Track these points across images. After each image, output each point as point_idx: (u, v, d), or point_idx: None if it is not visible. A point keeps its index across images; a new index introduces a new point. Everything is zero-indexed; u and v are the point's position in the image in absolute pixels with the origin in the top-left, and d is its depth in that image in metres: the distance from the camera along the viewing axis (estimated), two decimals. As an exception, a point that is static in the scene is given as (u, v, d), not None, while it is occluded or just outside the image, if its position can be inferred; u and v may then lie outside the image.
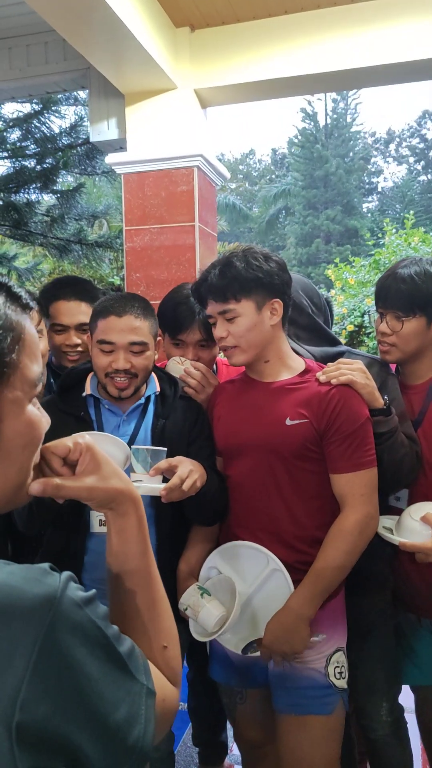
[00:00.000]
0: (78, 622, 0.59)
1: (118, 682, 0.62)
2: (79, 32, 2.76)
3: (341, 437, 1.49)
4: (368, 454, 1.52)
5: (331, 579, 1.49)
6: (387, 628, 1.82)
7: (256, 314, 1.52)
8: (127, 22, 2.64)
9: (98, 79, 3.40)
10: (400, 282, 1.68)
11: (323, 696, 1.52)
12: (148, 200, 3.35)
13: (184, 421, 1.65)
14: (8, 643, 0.54)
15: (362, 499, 1.50)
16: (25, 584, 0.57)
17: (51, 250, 5.96)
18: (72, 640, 0.57)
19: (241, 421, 1.60)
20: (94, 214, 5.95)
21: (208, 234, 3.48)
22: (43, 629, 0.55)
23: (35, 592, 0.57)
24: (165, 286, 3.25)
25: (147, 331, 1.58)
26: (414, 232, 6.15)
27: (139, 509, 0.79)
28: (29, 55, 3.57)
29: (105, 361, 1.56)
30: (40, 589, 0.57)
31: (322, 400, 1.50)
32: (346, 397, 1.51)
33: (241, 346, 1.55)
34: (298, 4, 3.05)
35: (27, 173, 5.41)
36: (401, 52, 2.99)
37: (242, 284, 1.51)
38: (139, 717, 0.63)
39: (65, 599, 0.58)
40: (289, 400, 1.54)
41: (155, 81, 3.19)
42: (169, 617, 0.80)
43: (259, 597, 1.55)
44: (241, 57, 3.19)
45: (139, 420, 1.63)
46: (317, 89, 3.72)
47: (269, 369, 1.59)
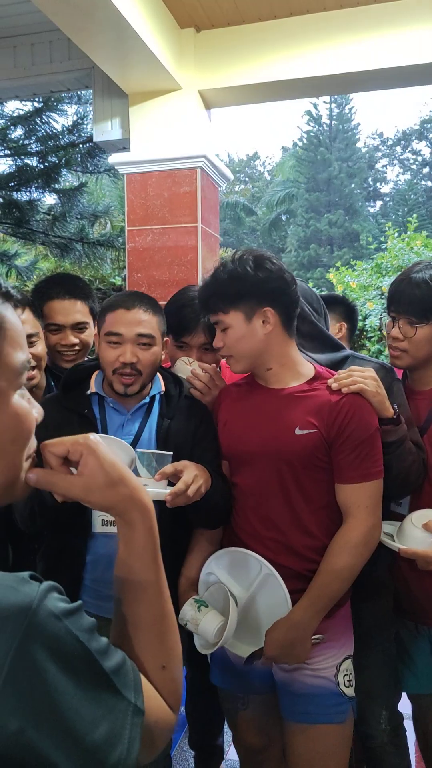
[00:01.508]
0: (54, 634, 0.56)
1: (99, 699, 0.59)
2: (83, 31, 2.75)
3: (350, 447, 1.48)
4: (376, 465, 1.50)
5: (335, 591, 1.48)
6: (387, 634, 1.81)
7: (245, 325, 1.50)
8: (132, 22, 2.63)
9: (102, 79, 3.39)
10: (415, 287, 1.65)
11: (335, 705, 1.50)
12: (150, 201, 3.34)
13: (189, 422, 1.63)
14: None
15: (367, 511, 1.49)
16: (2, 591, 0.55)
17: (52, 249, 5.94)
18: (46, 653, 0.55)
19: (248, 428, 1.58)
20: (96, 213, 5.93)
21: (211, 235, 3.47)
22: (17, 640, 0.53)
23: (10, 601, 0.54)
24: (167, 287, 3.24)
25: (155, 325, 1.57)
26: (416, 236, 6.15)
27: (148, 518, 0.74)
28: (33, 54, 3.57)
29: (112, 355, 1.54)
30: (16, 598, 0.55)
31: (333, 409, 1.48)
32: (356, 406, 1.49)
33: (235, 356, 1.55)
34: (303, 6, 3.05)
35: (29, 171, 5.40)
36: (407, 55, 2.99)
37: (225, 297, 1.50)
38: (122, 736, 0.59)
39: (42, 609, 0.55)
40: (298, 408, 1.52)
41: (159, 81, 3.18)
42: (174, 636, 0.75)
43: (257, 602, 1.54)
44: (245, 58, 3.18)
45: (144, 419, 1.62)
46: (322, 92, 3.72)
47: (273, 376, 1.57)
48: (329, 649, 1.53)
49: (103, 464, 0.72)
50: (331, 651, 1.53)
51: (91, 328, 2.06)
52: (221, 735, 2.27)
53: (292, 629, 1.45)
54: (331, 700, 1.50)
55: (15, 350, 0.64)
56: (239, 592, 1.53)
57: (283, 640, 1.45)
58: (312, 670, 1.51)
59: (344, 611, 1.59)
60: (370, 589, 1.74)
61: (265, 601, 1.53)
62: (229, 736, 2.33)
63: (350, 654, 1.58)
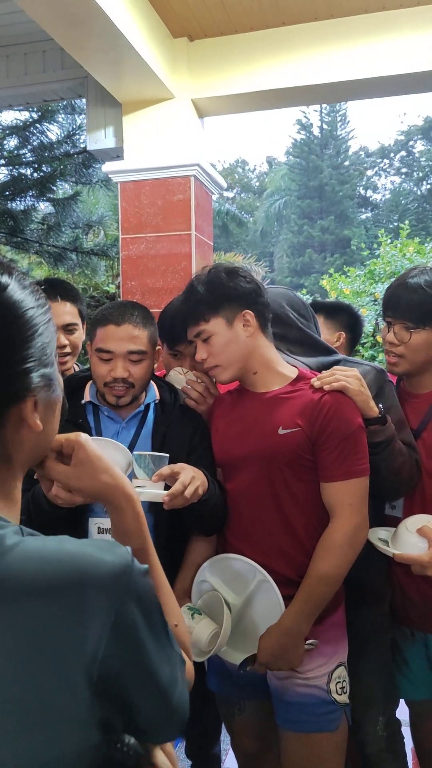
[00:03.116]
0: (144, 590, 0.64)
1: (165, 648, 0.67)
2: (77, 41, 2.77)
3: (332, 444, 1.48)
4: (360, 463, 1.50)
5: (324, 593, 1.48)
6: (384, 641, 1.80)
7: (228, 329, 1.53)
8: (125, 31, 2.65)
9: (96, 88, 3.41)
10: (411, 292, 1.65)
11: (326, 713, 1.50)
12: (144, 209, 3.36)
13: (184, 429, 1.64)
14: (91, 606, 0.59)
15: (351, 509, 1.49)
16: (101, 553, 0.62)
17: (46, 258, 5.95)
18: (140, 606, 0.63)
19: (236, 434, 1.60)
20: (90, 223, 5.95)
21: (204, 243, 3.48)
22: (120, 594, 0.60)
23: (112, 560, 0.61)
24: (160, 295, 3.25)
25: (146, 340, 1.57)
26: (409, 243, 6.19)
27: (133, 505, 0.83)
28: (27, 64, 3.58)
29: (104, 369, 1.56)
30: (116, 558, 0.62)
31: (315, 407, 1.50)
32: (338, 403, 1.50)
33: (222, 364, 1.56)
34: (295, 16, 3.08)
35: (23, 181, 5.41)
36: (398, 64, 3.02)
37: (206, 304, 1.54)
38: (177, 681, 0.69)
39: (135, 568, 0.63)
40: (282, 409, 1.53)
41: (153, 90, 3.20)
42: (172, 599, 0.86)
43: (251, 608, 1.54)
44: (238, 68, 3.21)
45: (139, 428, 1.63)
46: (314, 100, 3.75)
47: (260, 380, 1.59)
48: (320, 657, 1.53)
49: (90, 457, 0.83)
50: (322, 659, 1.53)
51: (80, 330, 2.09)
52: (218, 744, 2.26)
53: (284, 635, 1.45)
54: (322, 708, 1.51)
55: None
56: (233, 598, 1.53)
57: (275, 647, 1.45)
58: (303, 678, 1.51)
59: (335, 618, 1.58)
60: (365, 595, 1.73)
61: (259, 608, 1.52)
62: (227, 744, 2.32)
63: (343, 661, 1.58)
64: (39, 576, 0.58)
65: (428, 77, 3.05)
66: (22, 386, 0.65)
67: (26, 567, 0.59)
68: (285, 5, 2.99)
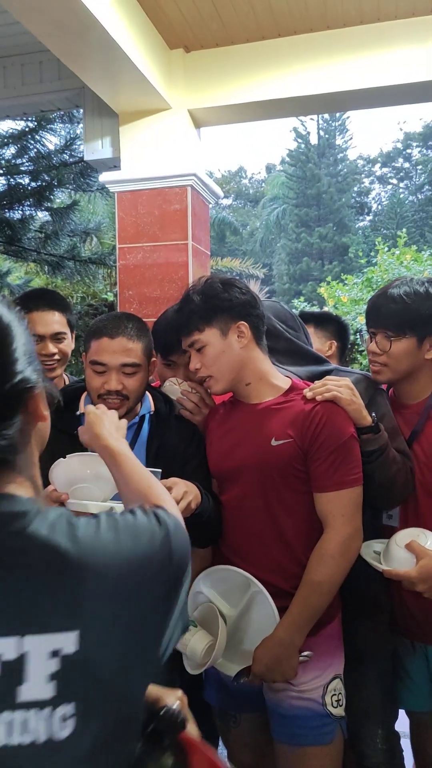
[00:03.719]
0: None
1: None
2: (73, 53, 2.78)
3: (324, 455, 1.48)
4: (352, 473, 1.50)
5: (317, 604, 1.47)
6: (384, 653, 1.79)
7: (222, 340, 1.54)
8: (121, 43, 2.67)
9: (92, 99, 3.42)
10: (390, 302, 1.68)
11: (321, 726, 1.50)
12: (141, 218, 3.36)
13: (179, 441, 1.64)
14: (159, 559, 0.73)
15: (343, 520, 1.48)
16: (149, 524, 0.75)
17: (44, 266, 5.96)
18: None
19: (229, 445, 1.60)
20: (87, 231, 5.96)
21: (201, 252, 3.49)
22: (170, 541, 0.75)
23: (154, 527, 0.76)
24: (158, 304, 3.25)
25: (140, 352, 1.57)
26: (406, 251, 6.21)
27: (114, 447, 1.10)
28: (24, 74, 3.59)
29: (98, 382, 1.56)
30: (154, 526, 0.76)
31: (306, 417, 1.50)
32: (330, 413, 1.50)
33: (215, 375, 1.56)
34: (291, 27, 3.09)
35: (21, 190, 5.43)
36: (393, 75, 3.04)
37: (201, 314, 1.54)
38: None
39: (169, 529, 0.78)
40: (275, 420, 1.53)
41: (149, 101, 3.21)
42: (159, 487, 0.98)
43: (246, 620, 1.53)
44: (234, 78, 3.22)
45: (133, 440, 1.62)
46: (310, 111, 3.77)
47: (253, 391, 1.59)
48: (315, 670, 1.52)
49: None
50: (317, 671, 1.52)
51: (69, 338, 2.12)
52: (215, 756, 2.24)
53: (277, 646, 1.44)
54: (317, 722, 1.50)
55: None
56: (228, 610, 1.53)
57: (269, 658, 1.45)
58: (298, 691, 1.51)
59: (331, 630, 1.57)
60: (365, 607, 1.73)
61: (254, 619, 1.52)
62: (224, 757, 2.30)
63: (339, 673, 1.57)
64: (116, 545, 0.69)
65: (423, 88, 3.07)
66: (30, 380, 0.70)
67: (102, 537, 0.68)
68: (281, 17, 3.01)
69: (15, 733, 0.59)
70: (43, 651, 0.61)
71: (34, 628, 0.61)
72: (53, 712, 0.60)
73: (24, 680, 0.60)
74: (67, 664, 0.61)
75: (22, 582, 0.62)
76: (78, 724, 0.60)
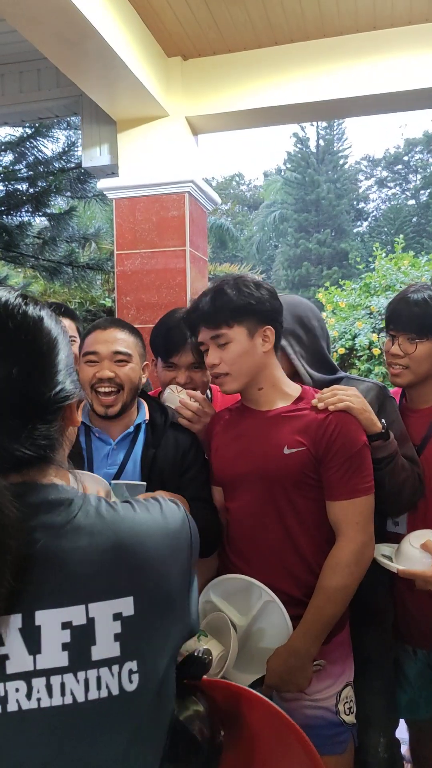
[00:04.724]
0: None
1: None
2: (71, 61, 2.79)
3: (338, 463, 1.47)
4: (365, 481, 1.49)
5: (332, 613, 1.45)
6: (387, 660, 1.78)
7: (248, 340, 1.51)
8: (119, 51, 2.68)
9: (90, 106, 3.43)
10: (413, 305, 1.71)
11: (335, 735, 1.48)
12: (139, 225, 3.37)
13: (176, 450, 1.62)
14: (181, 548, 0.81)
15: (357, 528, 1.47)
16: (166, 504, 0.85)
17: (42, 272, 5.96)
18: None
19: (237, 453, 1.57)
20: (85, 236, 5.97)
21: (199, 258, 3.50)
22: (188, 528, 0.85)
23: (178, 512, 0.85)
24: (156, 310, 3.26)
25: (131, 344, 1.60)
26: (404, 256, 6.21)
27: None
28: (22, 82, 3.61)
29: (90, 372, 1.57)
30: (176, 510, 0.85)
31: (320, 426, 1.48)
32: (343, 423, 1.49)
33: (233, 374, 1.53)
34: (287, 35, 3.11)
35: (19, 196, 5.44)
36: (388, 83, 3.05)
37: (234, 310, 1.50)
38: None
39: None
40: (286, 428, 1.52)
41: (147, 108, 3.22)
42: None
43: (257, 629, 1.51)
44: (232, 86, 3.24)
45: (129, 449, 1.61)
46: (307, 118, 3.78)
47: (264, 397, 1.57)
48: (328, 678, 1.50)
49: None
50: (330, 680, 1.51)
51: (78, 342, 2.18)
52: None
53: (292, 657, 1.42)
54: (331, 731, 1.48)
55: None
56: (238, 619, 1.50)
57: (283, 668, 1.43)
58: (312, 700, 1.49)
59: (341, 638, 1.56)
60: (370, 615, 1.71)
61: (266, 629, 1.49)
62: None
63: (350, 681, 1.56)
64: (153, 533, 0.78)
65: (419, 95, 3.09)
66: (69, 390, 0.77)
67: (138, 528, 0.77)
68: (277, 25, 3.03)
69: (92, 689, 0.68)
70: (108, 614, 0.70)
71: (97, 596, 0.70)
72: (122, 668, 0.70)
73: (95, 642, 0.69)
74: (126, 625, 0.71)
75: (81, 558, 0.71)
76: (141, 678, 0.71)
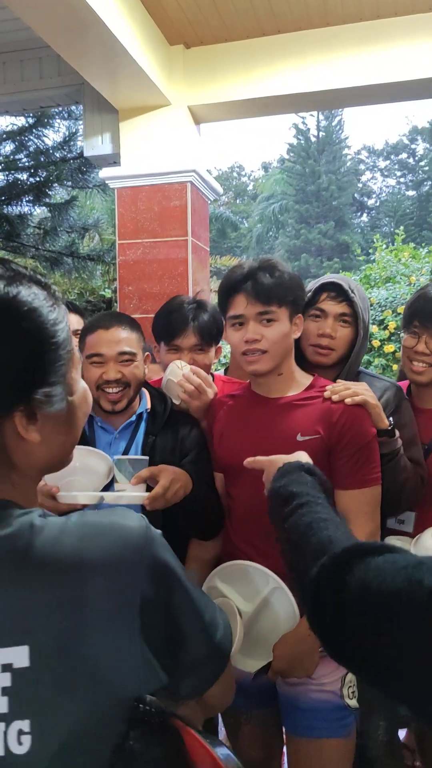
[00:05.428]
0: (163, 541, 0.71)
1: (201, 594, 0.75)
2: (73, 48, 2.78)
3: (349, 453, 1.49)
4: (374, 471, 1.52)
5: None
6: None
7: (288, 324, 1.53)
8: (121, 38, 2.67)
9: (92, 95, 3.42)
10: None
11: (340, 718, 1.50)
12: (141, 214, 3.37)
13: (175, 436, 1.64)
14: (126, 566, 0.65)
15: (366, 517, 1.50)
16: (123, 520, 0.69)
17: (42, 262, 5.95)
18: (165, 551, 0.70)
19: (248, 440, 1.57)
20: (85, 227, 5.96)
21: (201, 248, 3.50)
22: (148, 548, 0.67)
23: (134, 524, 0.69)
24: (157, 300, 3.26)
25: (135, 342, 1.61)
26: (404, 248, 6.21)
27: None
28: (23, 70, 3.59)
29: (96, 373, 1.58)
30: (136, 522, 0.69)
31: (333, 415, 1.50)
32: (355, 414, 1.51)
33: (271, 352, 1.52)
34: (290, 24, 3.10)
35: (20, 186, 5.42)
36: (392, 72, 3.04)
37: (286, 290, 1.52)
38: (218, 624, 0.76)
39: (152, 529, 0.70)
40: (299, 415, 1.53)
41: (149, 97, 3.21)
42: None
43: (263, 616, 1.52)
44: (234, 75, 3.23)
45: (131, 438, 1.63)
46: (309, 107, 3.77)
47: (279, 383, 1.58)
48: (333, 662, 1.52)
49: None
50: (335, 663, 1.52)
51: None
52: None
53: (300, 643, 1.43)
54: (336, 714, 1.50)
55: (74, 346, 0.76)
56: (244, 605, 1.51)
57: (291, 654, 1.44)
58: (317, 684, 1.50)
59: None
60: None
61: (272, 615, 1.50)
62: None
63: None
64: (77, 548, 0.65)
65: (423, 85, 3.08)
66: (9, 402, 0.67)
67: (64, 541, 0.65)
68: (280, 13, 3.01)
69: None
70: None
71: None
72: (8, 727, 0.59)
73: None
74: (18, 678, 0.60)
75: None
76: (34, 741, 0.59)
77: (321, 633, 0.76)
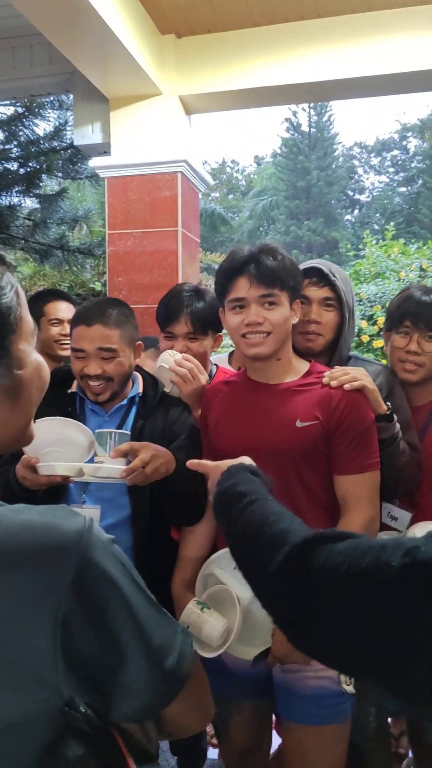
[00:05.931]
0: (110, 550, 0.65)
1: (156, 610, 0.69)
2: (65, 36, 2.76)
3: (348, 438, 1.49)
4: (373, 456, 1.52)
5: None
6: None
7: (288, 308, 1.55)
8: (113, 27, 2.65)
9: (83, 83, 3.40)
10: (429, 305, 1.77)
11: (337, 704, 1.51)
12: (131, 204, 3.35)
13: (165, 421, 1.65)
14: (49, 571, 0.60)
15: (366, 502, 1.50)
16: (57, 520, 0.63)
17: (32, 254, 5.91)
18: (108, 561, 0.64)
19: (247, 426, 1.57)
20: (75, 218, 5.92)
21: (191, 239, 3.49)
22: (79, 553, 0.62)
23: (68, 527, 0.63)
24: (147, 291, 3.25)
25: (117, 338, 1.59)
26: (394, 244, 6.23)
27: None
28: (14, 58, 3.56)
29: (78, 366, 1.61)
30: (72, 524, 0.63)
31: (332, 401, 1.51)
32: (354, 399, 1.52)
33: (274, 334, 1.52)
34: (282, 14, 3.09)
35: (9, 176, 5.37)
36: (383, 64, 3.05)
37: (287, 274, 1.53)
38: (173, 648, 0.69)
39: (94, 530, 0.64)
40: (298, 401, 1.53)
41: (140, 86, 3.20)
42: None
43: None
44: (226, 65, 3.22)
45: (122, 421, 1.64)
46: (301, 99, 3.77)
47: (277, 369, 1.58)
48: None
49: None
50: None
51: None
52: (204, 738, 2.26)
53: None
54: (334, 700, 1.51)
55: (27, 314, 0.71)
56: (242, 592, 1.51)
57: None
58: (315, 671, 1.50)
59: None
60: None
61: None
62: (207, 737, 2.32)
63: None
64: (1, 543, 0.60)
65: (415, 78, 3.09)
66: None
67: None
68: (272, 4, 3.01)
69: None
70: None
71: None
72: None
73: None
74: None
75: None
76: None
77: (284, 622, 0.74)
